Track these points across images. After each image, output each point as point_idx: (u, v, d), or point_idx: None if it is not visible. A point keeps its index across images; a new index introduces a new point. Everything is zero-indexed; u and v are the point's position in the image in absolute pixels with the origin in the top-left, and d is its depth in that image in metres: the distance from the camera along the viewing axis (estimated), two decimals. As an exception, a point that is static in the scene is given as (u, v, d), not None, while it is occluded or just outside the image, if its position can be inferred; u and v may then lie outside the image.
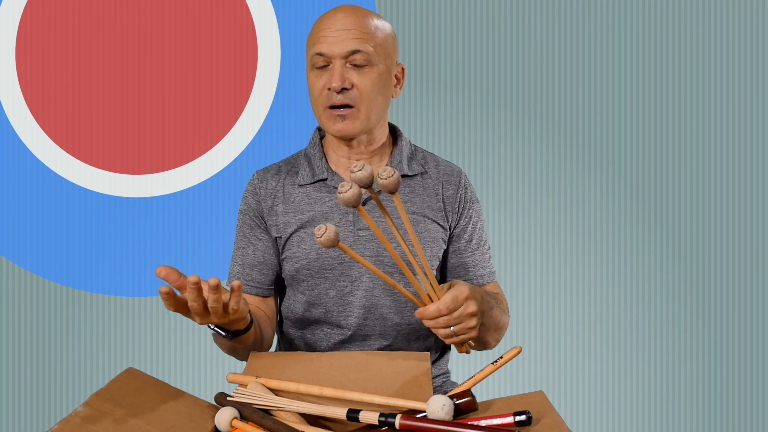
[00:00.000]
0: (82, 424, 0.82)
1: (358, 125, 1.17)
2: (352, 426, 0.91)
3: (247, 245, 1.25)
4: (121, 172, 2.08)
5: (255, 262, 1.24)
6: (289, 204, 1.23)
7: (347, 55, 1.14)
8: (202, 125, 2.09)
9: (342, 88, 1.14)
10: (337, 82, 1.14)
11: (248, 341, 1.09)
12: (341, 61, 1.15)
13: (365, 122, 1.18)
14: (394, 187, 0.94)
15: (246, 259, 1.24)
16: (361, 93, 1.16)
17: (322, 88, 1.16)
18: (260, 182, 1.26)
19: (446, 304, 1.00)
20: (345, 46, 1.14)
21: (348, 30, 1.15)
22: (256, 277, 1.24)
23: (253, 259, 1.24)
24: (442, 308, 1.00)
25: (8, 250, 2.06)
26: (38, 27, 2.05)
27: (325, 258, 1.20)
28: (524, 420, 0.84)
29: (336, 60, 1.15)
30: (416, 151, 1.29)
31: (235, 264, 1.26)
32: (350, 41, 1.14)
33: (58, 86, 2.06)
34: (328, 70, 1.16)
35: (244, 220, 1.26)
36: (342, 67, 1.15)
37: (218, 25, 2.07)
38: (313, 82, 1.18)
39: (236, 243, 1.27)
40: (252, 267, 1.24)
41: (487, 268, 1.28)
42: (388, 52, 1.19)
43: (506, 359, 0.95)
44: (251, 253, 1.24)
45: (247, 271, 1.24)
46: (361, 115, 1.17)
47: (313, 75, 1.18)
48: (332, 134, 1.20)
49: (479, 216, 1.29)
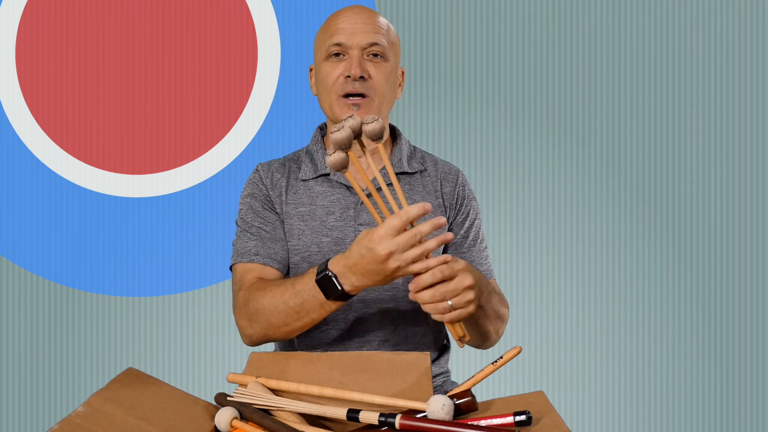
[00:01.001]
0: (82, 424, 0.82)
1: (371, 114, 1.19)
2: (352, 426, 0.91)
3: (264, 223, 1.22)
4: (121, 172, 2.08)
5: (276, 237, 1.21)
6: (292, 196, 1.24)
7: (365, 46, 1.18)
8: (202, 125, 2.09)
9: (360, 76, 1.17)
10: (356, 69, 1.17)
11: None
12: (359, 51, 1.18)
13: (376, 113, 1.20)
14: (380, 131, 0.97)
15: (265, 235, 1.21)
16: (375, 84, 1.19)
17: (338, 75, 1.19)
18: (265, 174, 1.27)
19: (440, 268, 0.96)
20: (364, 38, 1.18)
21: (366, 24, 1.19)
22: (278, 252, 1.21)
23: (273, 234, 1.21)
24: (436, 272, 0.96)
25: (8, 250, 2.06)
26: (38, 27, 2.05)
27: (327, 252, 1.20)
28: (524, 420, 0.84)
29: (354, 50, 1.18)
30: (415, 151, 1.32)
31: (250, 240, 1.21)
32: (369, 34, 1.19)
33: (58, 86, 2.06)
34: (345, 60, 1.19)
35: (255, 202, 1.24)
36: (360, 56, 1.18)
37: (218, 25, 2.07)
38: (327, 71, 1.20)
39: (245, 224, 1.23)
40: (274, 242, 1.21)
41: (484, 265, 1.29)
42: (396, 51, 1.24)
43: (506, 359, 0.95)
44: (270, 229, 1.22)
45: (269, 244, 1.20)
46: (374, 105, 1.20)
47: (328, 64, 1.20)
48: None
49: (477, 214, 1.30)
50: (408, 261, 0.95)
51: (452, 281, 0.98)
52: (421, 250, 0.95)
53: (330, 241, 1.20)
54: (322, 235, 1.21)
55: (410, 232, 0.94)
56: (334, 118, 1.23)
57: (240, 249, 1.21)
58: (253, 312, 1.09)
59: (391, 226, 0.94)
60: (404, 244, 0.94)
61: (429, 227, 0.94)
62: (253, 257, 1.19)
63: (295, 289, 1.04)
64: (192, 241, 2.09)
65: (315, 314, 1.04)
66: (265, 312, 1.07)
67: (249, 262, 1.19)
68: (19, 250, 2.06)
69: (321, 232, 1.21)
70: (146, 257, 2.08)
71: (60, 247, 2.06)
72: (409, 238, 0.94)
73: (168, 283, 2.10)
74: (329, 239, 1.21)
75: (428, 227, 0.94)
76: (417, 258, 0.95)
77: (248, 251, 1.20)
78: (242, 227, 1.24)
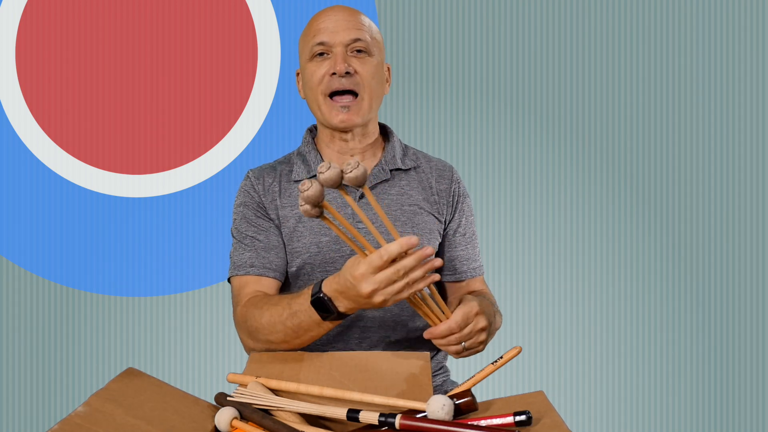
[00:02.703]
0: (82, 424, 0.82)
1: (361, 115, 1.20)
2: (352, 426, 0.91)
3: (258, 232, 1.22)
4: (121, 172, 2.08)
5: (270, 246, 1.21)
6: (286, 199, 1.24)
7: (349, 42, 1.18)
8: (202, 125, 2.09)
9: (345, 72, 1.17)
10: (341, 65, 1.17)
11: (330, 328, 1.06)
12: (343, 48, 1.18)
13: (367, 112, 1.21)
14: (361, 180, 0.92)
15: (258, 244, 1.21)
16: (363, 79, 1.19)
17: (323, 74, 1.19)
18: (257, 179, 1.27)
19: (457, 322, 1.00)
20: (346, 35, 1.18)
21: (348, 21, 1.19)
22: (273, 260, 1.21)
23: (267, 243, 1.21)
24: (453, 327, 0.99)
25: (8, 250, 2.06)
26: (38, 27, 2.05)
27: (327, 251, 1.20)
28: (524, 420, 0.84)
29: (337, 47, 1.18)
30: (407, 149, 1.32)
31: (245, 252, 1.21)
32: (351, 30, 1.18)
33: (58, 86, 2.06)
34: (329, 58, 1.19)
35: (247, 211, 1.24)
36: (344, 53, 1.18)
37: (218, 25, 2.07)
38: (312, 70, 1.20)
39: (240, 234, 1.24)
40: (268, 251, 1.21)
41: (477, 261, 1.31)
42: (380, 47, 1.24)
43: (506, 359, 0.95)
44: (264, 238, 1.22)
45: (263, 254, 1.20)
46: (364, 104, 1.20)
47: (313, 64, 1.20)
48: (334, 125, 1.21)
49: (470, 210, 1.31)
50: (392, 294, 0.95)
51: (467, 326, 1.00)
52: (404, 283, 0.94)
53: (329, 240, 1.21)
54: (321, 234, 1.21)
55: (392, 268, 0.93)
56: (323, 120, 1.23)
57: (236, 261, 1.22)
58: (253, 330, 1.10)
59: (372, 265, 0.92)
60: (386, 281, 0.93)
61: (413, 261, 0.93)
62: (248, 269, 1.20)
63: (292, 309, 1.04)
64: (192, 241, 2.09)
65: (314, 332, 1.04)
66: (264, 330, 1.07)
67: (245, 275, 1.20)
68: (19, 250, 2.06)
69: (320, 232, 1.21)
70: (146, 257, 2.08)
71: (60, 247, 2.06)
72: (391, 274, 0.93)
73: (168, 283, 2.10)
74: (328, 238, 1.21)
75: (412, 261, 0.93)
76: (401, 290, 0.95)
77: (243, 263, 1.20)
78: (237, 238, 1.24)
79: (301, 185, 0.91)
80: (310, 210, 0.93)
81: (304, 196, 0.92)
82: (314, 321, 1.02)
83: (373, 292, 0.94)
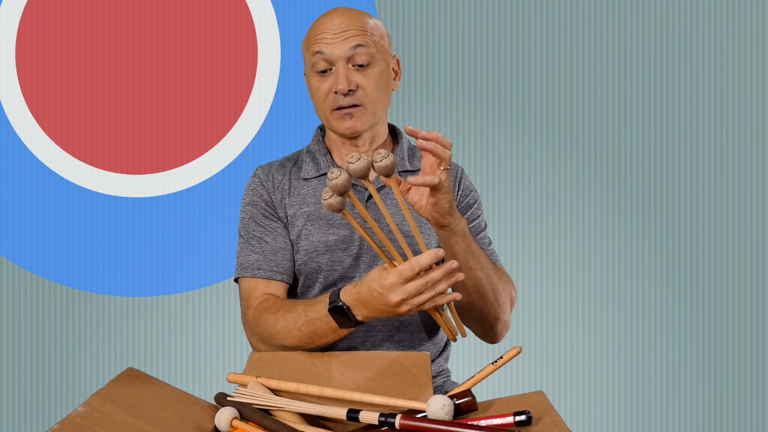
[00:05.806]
0: (82, 424, 0.82)
1: (366, 122, 1.20)
2: (352, 426, 0.91)
3: (265, 233, 1.22)
4: (121, 172, 2.08)
5: (277, 248, 1.21)
6: (295, 197, 1.24)
7: (349, 55, 1.17)
8: (202, 125, 2.09)
9: (348, 90, 1.17)
10: (343, 85, 1.16)
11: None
12: (344, 63, 1.17)
13: (372, 119, 1.21)
14: (391, 168, 0.95)
15: (266, 246, 1.21)
16: (366, 93, 1.19)
17: (327, 92, 1.19)
18: (266, 176, 1.27)
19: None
20: (346, 45, 1.17)
21: (346, 30, 1.17)
22: (280, 263, 1.20)
23: (275, 245, 1.21)
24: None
25: (8, 250, 2.06)
26: (38, 27, 2.05)
27: (335, 250, 1.20)
28: (524, 420, 0.84)
29: (339, 62, 1.17)
30: (415, 150, 1.32)
31: (252, 253, 1.21)
32: (350, 39, 1.17)
33: (58, 86, 2.06)
34: (332, 75, 1.18)
35: (255, 211, 1.24)
36: (345, 69, 1.17)
37: (218, 25, 2.07)
38: (316, 87, 1.20)
39: (247, 234, 1.23)
40: (275, 253, 1.20)
41: (487, 251, 1.30)
42: (385, 48, 1.22)
43: (506, 359, 0.95)
44: (271, 240, 1.21)
45: (270, 257, 1.20)
46: (368, 112, 1.20)
47: (316, 80, 1.20)
48: (341, 133, 1.22)
49: (479, 206, 1.31)
50: (418, 304, 0.98)
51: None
52: (430, 295, 0.98)
53: (338, 239, 1.20)
54: (329, 233, 1.21)
55: (422, 280, 0.96)
56: (330, 128, 1.24)
57: (243, 263, 1.22)
58: (266, 335, 1.11)
59: (403, 276, 0.95)
60: (415, 291, 0.97)
61: (441, 274, 0.97)
62: (255, 272, 1.20)
63: (308, 316, 1.06)
64: (192, 241, 2.09)
65: (328, 338, 1.06)
66: (278, 336, 1.09)
67: (252, 277, 1.20)
68: (19, 250, 2.06)
69: (328, 231, 1.21)
70: (146, 257, 2.08)
71: (60, 247, 2.06)
72: (420, 286, 0.96)
73: (168, 283, 2.09)
74: (336, 237, 1.21)
75: (440, 274, 0.96)
76: (426, 301, 0.98)
77: (251, 265, 1.20)
78: (244, 237, 1.24)
79: (330, 173, 0.94)
80: (335, 202, 0.96)
81: (332, 185, 0.94)
82: (331, 328, 1.04)
83: (401, 301, 0.97)
